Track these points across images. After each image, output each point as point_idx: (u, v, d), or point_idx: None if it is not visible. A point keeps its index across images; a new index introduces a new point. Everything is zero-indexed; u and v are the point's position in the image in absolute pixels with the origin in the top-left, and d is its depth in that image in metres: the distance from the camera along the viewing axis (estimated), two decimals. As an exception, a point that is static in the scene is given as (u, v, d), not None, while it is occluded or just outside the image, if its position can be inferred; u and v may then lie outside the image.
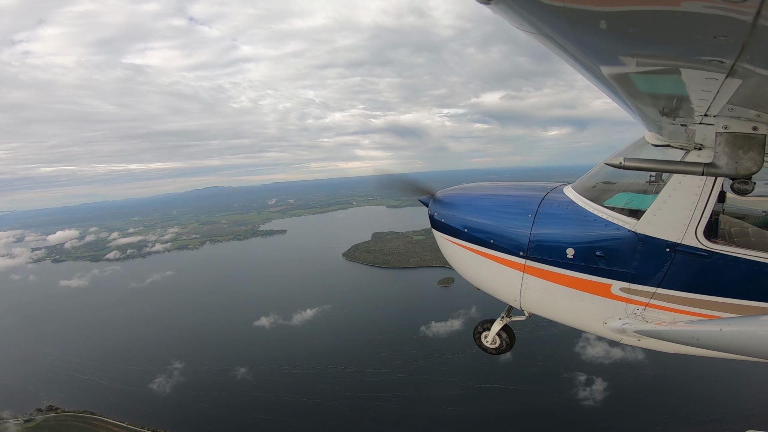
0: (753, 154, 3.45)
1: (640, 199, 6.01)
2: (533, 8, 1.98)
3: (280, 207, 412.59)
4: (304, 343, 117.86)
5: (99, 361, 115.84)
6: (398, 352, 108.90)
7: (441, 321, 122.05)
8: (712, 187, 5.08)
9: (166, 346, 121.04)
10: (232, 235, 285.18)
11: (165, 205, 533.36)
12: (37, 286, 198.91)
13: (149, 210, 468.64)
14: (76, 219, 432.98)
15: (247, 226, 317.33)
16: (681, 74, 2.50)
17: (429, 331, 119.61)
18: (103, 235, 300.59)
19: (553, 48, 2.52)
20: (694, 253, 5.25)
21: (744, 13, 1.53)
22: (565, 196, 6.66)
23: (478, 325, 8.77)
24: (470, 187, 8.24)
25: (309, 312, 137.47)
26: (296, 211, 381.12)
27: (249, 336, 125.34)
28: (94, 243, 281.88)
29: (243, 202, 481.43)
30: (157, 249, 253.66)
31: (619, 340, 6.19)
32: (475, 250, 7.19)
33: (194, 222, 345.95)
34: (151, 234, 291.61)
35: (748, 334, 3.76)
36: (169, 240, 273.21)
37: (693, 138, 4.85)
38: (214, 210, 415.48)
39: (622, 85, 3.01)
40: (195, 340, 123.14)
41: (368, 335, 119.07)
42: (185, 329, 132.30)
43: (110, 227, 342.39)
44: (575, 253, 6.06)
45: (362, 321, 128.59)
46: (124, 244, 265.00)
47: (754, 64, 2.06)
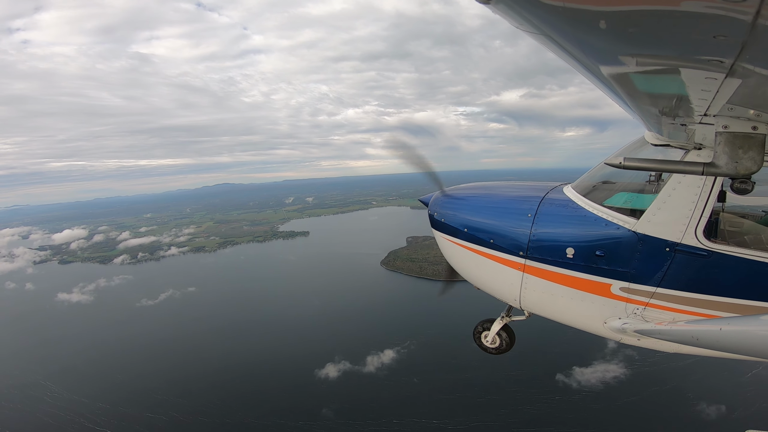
0: (753, 153, 3.40)
1: (639, 198, 5.87)
2: (533, 8, 1.94)
3: (297, 206, 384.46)
4: (401, 403, 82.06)
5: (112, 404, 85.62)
6: (543, 411, 77.00)
7: (584, 365, 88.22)
8: (712, 187, 4.96)
9: (195, 398, 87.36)
10: (251, 237, 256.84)
11: (177, 202, 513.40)
12: (31, 298, 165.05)
13: (161, 206, 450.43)
14: (88, 215, 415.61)
15: (266, 226, 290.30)
16: (681, 74, 2.45)
17: (571, 380, 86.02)
18: (112, 234, 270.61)
19: (553, 48, 2.46)
20: (694, 252, 5.13)
21: (744, 13, 1.50)
22: (564, 196, 6.45)
23: (478, 325, 8.51)
24: (470, 187, 8.04)
25: (388, 354, 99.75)
26: (314, 211, 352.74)
27: (316, 391, 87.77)
28: (102, 243, 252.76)
29: (257, 200, 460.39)
30: (172, 252, 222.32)
31: (619, 339, 6.00)
32: (475, 249, 7.00)
33: (209, 220, 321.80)
34: (165, 234, 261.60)
35: (748, 333, 3.65)
36: (185, 242, 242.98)
37: (693, 138, 4.74)
38: (228, 207, 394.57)
39: (621, 84, 2.94)
40: (239, 390, 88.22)
41: (492, 390, 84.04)
42: (222, 375, 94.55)
43: (122, 224, 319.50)
44: (575, 252, 5.90)
45: (473, 370, 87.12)
46: (135, 246, 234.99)
47: (754, 64, 2.03)
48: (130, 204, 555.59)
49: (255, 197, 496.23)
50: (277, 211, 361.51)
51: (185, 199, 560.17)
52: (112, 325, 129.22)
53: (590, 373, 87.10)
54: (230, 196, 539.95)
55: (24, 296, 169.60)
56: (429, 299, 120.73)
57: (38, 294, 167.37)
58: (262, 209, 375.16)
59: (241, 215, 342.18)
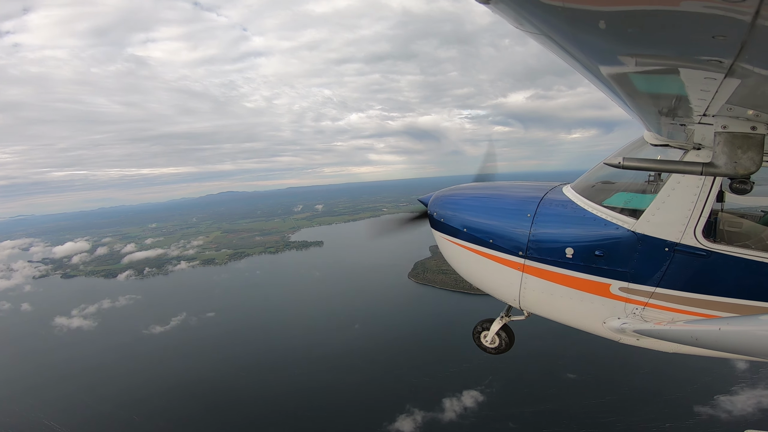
0: (752, 153, 3.37)
1: (639, 198, 5.79)
2: (532, 8, 1.91)
3: (306, 214, 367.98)
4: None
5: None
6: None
7: (727, 392, 73.32)
8: (711, 187, 4.92)
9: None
10: (262, 247, 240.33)
11: (182, 210, 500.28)
12: (26, 321, 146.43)
13: (166, 215, 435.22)
14: (93, 225, 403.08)
15: (276, 235, 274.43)
16: (680, 74, 2.43)
17: (717, 410, 71.13)
18: (117, 246, 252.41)
19: (553, 48, 2.43)
20: (693, 252, 5.07)
21: (743, 13, 1.48)
22: (564, 196, 6.37)
23: (478, 325, 8.41)
24: (470, 187, 7.87)
25: (469, 396, 79.93)
26: (324, 219, 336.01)
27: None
28: (106, 257, 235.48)
29: (262, 208, 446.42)
30: (182, 267, 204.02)
31: (617, 339, 5.91)
32: (474, 249, 6.89)
33: (216, 230, 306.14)
34: (172, 246, 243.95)
35: (747, 333, 3.59)
36: (194, 255, 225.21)
37: (692, 138, 4.69)
38: (235, 216, 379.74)
39: (621, 84, 2.91)
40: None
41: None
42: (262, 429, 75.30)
43: (127, 235, 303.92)
44: (574, 252, 5.83)
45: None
46: (141, 260, 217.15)
47: (753, 64, 2.02)
48: (134, 213, 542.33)
49: (260, 205, 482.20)
50: (286, 220, 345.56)
51: (190, 208, 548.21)
52: (118, 358, 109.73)
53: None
54: (235, 205, 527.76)
55: (18, 319, 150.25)
56: (479, 316, 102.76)
57: (34, 316, 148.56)
58: (270, 218, 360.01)
59: (248, 224, 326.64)
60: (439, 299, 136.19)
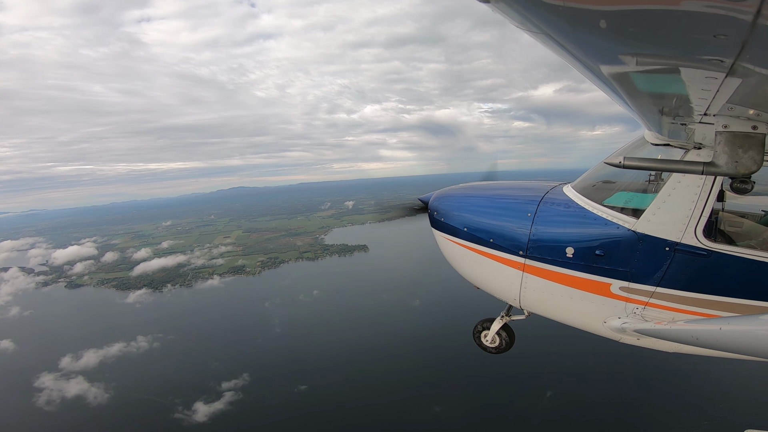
0: (752, 153, 3.27)
1: (639, 198, 5.62)
2: (533, 7, 1.85)
3: (331, 211, 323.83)
4: None
5: None
6: None
7: None
8: (712, 186, 4.75)
9: None
10: (296, 252, 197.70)
11: (195, 206, 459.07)
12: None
13: (180, 211, 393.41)
14: (104, 221, 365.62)
15: (306, 236, 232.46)
16: (681, 73, 2.35)
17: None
18: (129, 251, 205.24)
19: (553, 47, 2.34)
20: (693, 252, 4.92)
21: (744, 12, 1.44)
22: (564, 196, 6.20)
23: (478, 324, 8.15)
24: (470, 187, 7.66)
25: None
26: (353, 217, 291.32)
27: None
28: (115, 263, 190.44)
29: (280, 204, 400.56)
30: (212, 283, 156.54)
31: (618, 339, 5.75)
32: (474, 249, 6.70)
33: (236, 228, 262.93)
34: (197, 251, 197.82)
35: (747, 333, 3.49)
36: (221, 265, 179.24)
37: (692, 137, 4.53)
38: (252, 213, 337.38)
39: (621, 84, 2.82)
40: None
41: None
42: None
43: (140, 233, 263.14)
44: (575, 252, 5.67)
45: None
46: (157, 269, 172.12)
47: (754, 63, 1.95)
48: (146, 209, 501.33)
49: (276, 201, 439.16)
50: (310, 218, 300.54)
51: (203, 204, 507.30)
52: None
53: None
54: (249, 201, 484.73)
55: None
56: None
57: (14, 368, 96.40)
58: (292, 215, 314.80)
59: (270, 222, 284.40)
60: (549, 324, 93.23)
